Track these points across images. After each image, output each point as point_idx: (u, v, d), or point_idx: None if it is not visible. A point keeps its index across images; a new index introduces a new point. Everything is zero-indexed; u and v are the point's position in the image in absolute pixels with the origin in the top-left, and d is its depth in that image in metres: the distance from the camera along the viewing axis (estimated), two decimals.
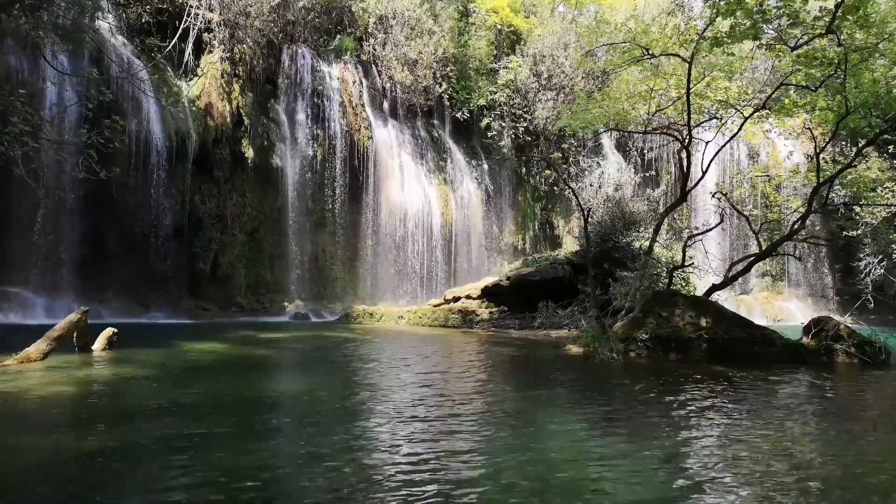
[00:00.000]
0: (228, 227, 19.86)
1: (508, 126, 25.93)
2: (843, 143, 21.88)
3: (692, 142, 13.10)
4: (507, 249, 26.49)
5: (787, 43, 11.27)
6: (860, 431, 5.57)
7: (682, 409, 6.30)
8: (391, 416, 5.64)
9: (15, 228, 15.88)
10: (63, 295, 16.18)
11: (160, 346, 10.43)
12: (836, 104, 11.77)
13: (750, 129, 18.10)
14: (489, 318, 16.94)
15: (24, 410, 5.56)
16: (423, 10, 24.69)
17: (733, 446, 4.86)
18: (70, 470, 4.01)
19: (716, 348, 10.15)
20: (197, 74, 19.85)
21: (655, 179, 26.93)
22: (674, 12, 16.17)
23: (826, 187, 12.81)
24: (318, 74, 22.28)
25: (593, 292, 12.53)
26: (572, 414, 6.08)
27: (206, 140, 19.31)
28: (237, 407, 6.10)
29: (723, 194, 14.59)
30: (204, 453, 4.36)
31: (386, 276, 22.93)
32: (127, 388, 6.77)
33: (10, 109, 11.89)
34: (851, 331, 10.59)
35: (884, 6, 11.93)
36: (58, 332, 8.43)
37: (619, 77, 16.39)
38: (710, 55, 12.35)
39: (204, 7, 19.71)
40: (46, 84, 15.66)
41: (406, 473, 3.95)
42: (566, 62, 25.75)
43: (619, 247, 16.84)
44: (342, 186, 22.15)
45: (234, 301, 19.81)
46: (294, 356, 10.83)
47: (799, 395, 7.53)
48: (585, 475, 4.08)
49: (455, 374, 8.49)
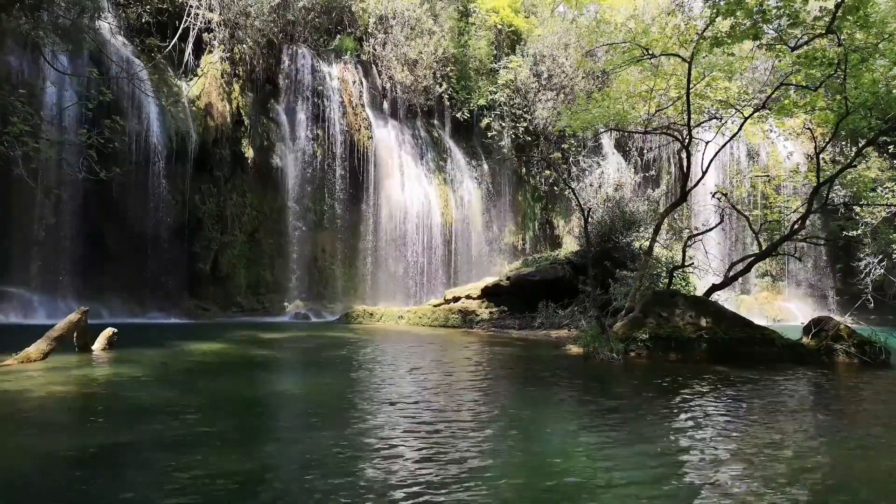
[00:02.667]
0: (228, 227, 19.86)
1: (508, 126, 25.93)
2: (843, 143, 21.89)
3: (692, 142, 13.09)
4: (507, 249, 26.49)
5: (787, 43, 11.27)
6: (861, 432, 5.56)
7: (683, 410, 6.30)
8: (391, 417, 5.64)
9: (15, 228, 15.88)
10: (63, 295, 16.18)
11: (160, 346, 10.43)
12: (836, 104, 11.77)
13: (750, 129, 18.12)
14: (489, 318, 16.94)
15: (24, 410, 5.56)
16: (423, 10, 24.69)
17: (734, 446, 4.86)
18: (70, 470, 4.01)
19: (716, 348, 10.14)
20: (197, 74, 19.85)
21: (655, 179, 26.94)
22: (674, 12, 16.17)
23: (826, 187, 12.81)
24: (318, 74, 22.28)
25: (593, 292, 12.53)
26: (572, 414, 6.08)
27: (206, 140, 19.31)
28: (237, 407, 6.10)
29: (723, 194, 14.59)
30: (204, 454, 4.36)
31: (386, 275, 22.92)
32: (127, 389, 6.77)
33: (10, 109, 11.91)
34: (851, 331, 10.58)
35: (884, 6, 11.93)
36: (58, 332, 8.42)
37: (619, 77, 16.39)
38: (710, 55, 12.35)
39: (204, 7, 19.71)
40: (46, 84, 15.66)
41: (406, 474, 3.95)
42: (566, 62, 25.75)
43: (619, 247, 16.85)
44: (342, 186, 22.15)
45: (234, 301, 19.82)
46: (294, 356, 10.83)
47: (799, 395, 7.53)
48: (585, 475, 4.08)
49: (455, 375, 8.49)
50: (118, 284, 17.17)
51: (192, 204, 18.96)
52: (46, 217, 16.33)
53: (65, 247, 16.63)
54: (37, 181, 14.75)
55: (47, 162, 15.20)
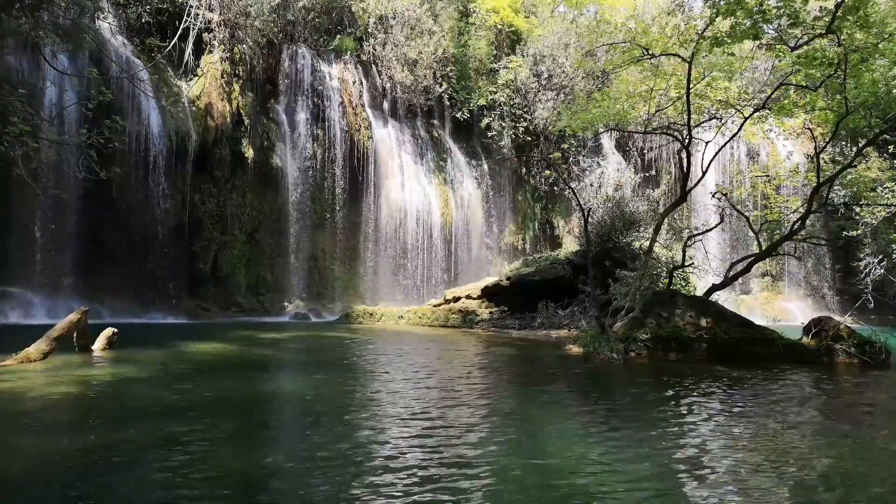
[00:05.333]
0: (228, 227, 19.86)
1: (508, 126, 25.92)
2: (843, 143, 21.87)
3: (692, 142, 13.09)
4: (507, 249, 26.49)
5: (787, 43, 11.27)
6: (861, 432, 5.56)
7: (683, 410, 6.30)
8: (391, 417, 5.64)
9: (15, 228, 15.88)
10: (63, 295, 16.18)
11: (160, 346, 10.43)
12: (835, 104, 11.76)
13: (750, 129, 18.09)
14: (489, 318, 16.93)
15: (24, 410, 5.56)
16: (423, 10, 24.69)
17: (734, 447, 4.86)
18: (70, 470, 4.01)
19: (716, 348, 10.14)
20: (197, 74, 19.85)
21: (655, 179, 26.94)
22: (674, 12, 16.19)
23: (826, 187, 12.81)
24: (318, 74, 22.28)
25: (593, 292, 12.52)
26: (572, 414, 6.08)
27: (206, 140, 19.31)
28: (237, 407, 6.09)
29: (723, 194, 14.59)
30: (204, 454, 4.36)
31: (386, 275, 22.92)
32: (127, 389, 6.77)
33: (10, 109, 11.90)
34: (851, 331, 10.58)
35: (884, 6, 11.93)
36: (58, 332, 8.42)
37: (619, 77, 16.38)
38: (710, 55, 12.34)
39: (204, 7, 19.71)
40: (46, 84, 15.65)
41: (406, 475, 3.95)
42: (566, 62, 25.74)
43: (619, 247, 16.82)
44: (342, 186, 22.15)
45: (234, 301, 19.82)
46: (294, 356, 10.82)
47: (799, 395, 7.53)
48: (585, 476, 4.07)
49: (455, 375, 8.49)
50: (118, 284, 17.17)
51: (192, 204, 18.96)
52: (46, 217, 16.33)
53: (65, 247, 16.62)
54: (37, 181, 14.74)
55: (47, 162, 15.21)
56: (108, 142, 12.89)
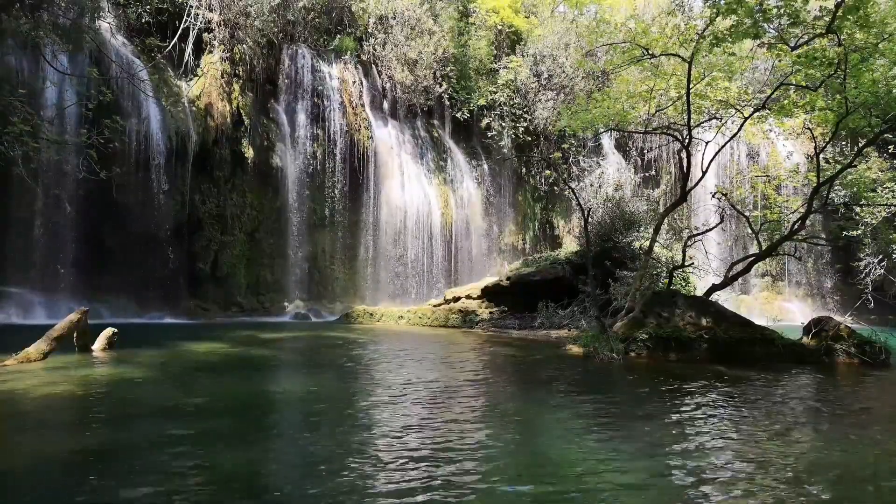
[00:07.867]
0: (228, 227, 19.86)
1: (508, 126, 25.92)
2: (843, 143, 21.87)
3: (692, 142, 13.09)
4: (507, 249, 26.49)
5: (788, 42, 11.26)
6: (861, 432, 5.56)
7: (683, 410, 6.29)
8: (391, 417, 5.64)
9: (15, 228, 15.87)
10: (63, 295, 16.16)
11: (160, 346, 10.42)
12: (836, 104, 11.76)
13: (750, 129, 18.07)
14: (489, 318, 16.93)
15: (23, 410, 5.56)
16: (423, 10, 24.68)
17: (734, 447, 4.86)
18: (69, 470, 4.01)
19: (716, 348, 10.14)
20: (197, 74, 19.85)
21: (655, 179, 26.93)
22: (674, 12, 16.17)
23: (826, 187, 12.80)
24: (318, 74, 22.27)
25: (593, 292, 12.52)
26: (572, 414, 6.08)
27: (206, 140, 19.31)
28: (237, 408, 6.09)
29: (723, 194, 14.58)
30: (203, 455, 4.36)
31: (386, 275, 22.92)
32: (127, 389, 6.76)
33: (10, 109, 11.89)
34: (851, 331, 10.58)
35: (884, 6, 11.92)
36: (58, 332, 8.42)
37: (619, 77, 16.37)
38: (710, 55, 12.34)
39: (204, 7, 19.71)
40: (46, 84, 15.64)
41: (405, 474, 3.95)
42: (566, 62, 25.74)
43: (619, 247, 16.81)
44: (342, 186, 22.15)
45: (234, 301, 19.82)
46: (294, 356, 10.82)
47: (799, 395, 7.53)
48: (586, 476, 4.07)
49: (455, 375, 8.49)
50: (118, 284, 17.16)
51: (192, 204, 18.96)
52: (46, 217, 16.32)
53: (65, 247, 16.62)
54: (37, 181, 14.74)
55: (47, 162, 15.20)
56: (108, 142, 12.88)
